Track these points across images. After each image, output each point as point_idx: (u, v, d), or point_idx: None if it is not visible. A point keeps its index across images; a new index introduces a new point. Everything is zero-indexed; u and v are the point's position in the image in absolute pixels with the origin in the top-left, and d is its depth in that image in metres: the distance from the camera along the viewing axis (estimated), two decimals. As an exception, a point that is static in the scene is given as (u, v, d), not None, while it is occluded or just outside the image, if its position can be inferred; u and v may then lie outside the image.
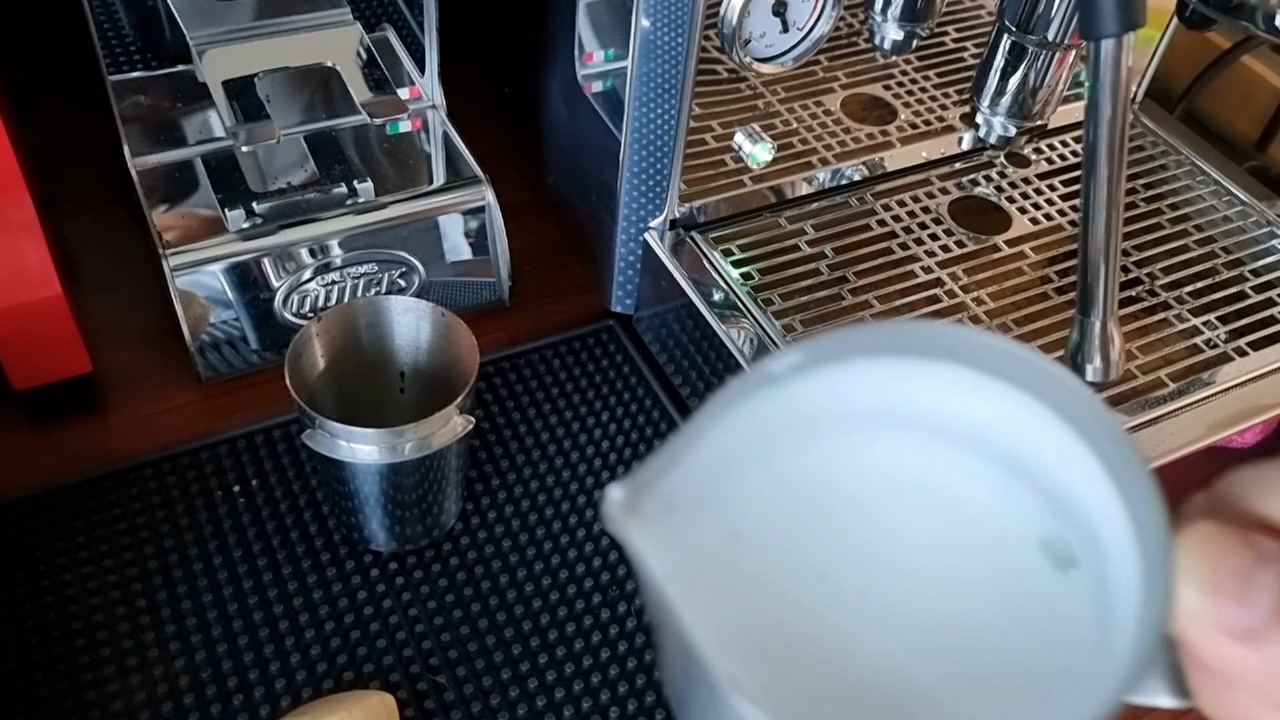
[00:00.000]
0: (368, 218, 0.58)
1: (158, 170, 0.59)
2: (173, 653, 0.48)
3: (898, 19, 0.59)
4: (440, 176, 0.61)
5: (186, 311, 0.55)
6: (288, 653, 0.48)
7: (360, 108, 0.54)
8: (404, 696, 0.47)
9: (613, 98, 0.57)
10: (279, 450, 0.55)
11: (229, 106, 0.53)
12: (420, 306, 0.50)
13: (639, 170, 0.57)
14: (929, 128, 0.66)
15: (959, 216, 0.63)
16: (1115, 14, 0.40)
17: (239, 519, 0.52)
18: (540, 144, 0.68)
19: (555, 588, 0.52)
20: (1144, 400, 0.54)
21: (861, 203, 0.63)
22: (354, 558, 0.51)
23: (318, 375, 0.50)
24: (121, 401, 0.57)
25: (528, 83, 0.66)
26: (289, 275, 0.57)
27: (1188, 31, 0.70)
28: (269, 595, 0.50)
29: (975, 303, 0.58)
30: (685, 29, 0.51)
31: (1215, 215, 0.66)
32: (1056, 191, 0.66)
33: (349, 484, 0.48)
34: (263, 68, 0.55)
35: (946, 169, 0.66)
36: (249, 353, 0.58)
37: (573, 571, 0.52)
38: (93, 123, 0.62)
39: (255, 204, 0.57)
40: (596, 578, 0.52)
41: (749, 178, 0.61)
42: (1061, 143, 0.69)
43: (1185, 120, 0.72)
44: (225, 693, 0.47)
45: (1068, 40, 0.60)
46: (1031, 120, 0.63)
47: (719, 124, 0.60)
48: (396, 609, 0.50)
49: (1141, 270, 0.62)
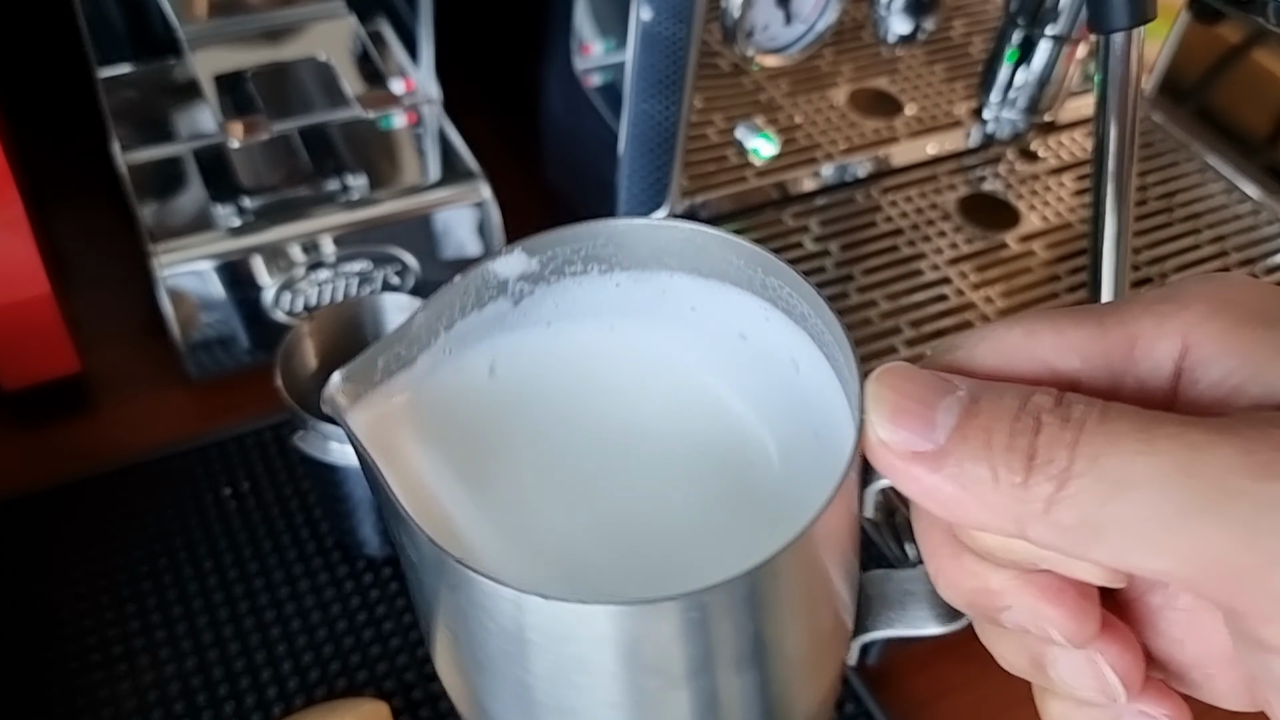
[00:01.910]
0: (361, 214, 0.57)
1: (147, 166, 0.58)
2: (163, 659, 0.47)
3: (904, 11, 0.58)
4: (435, 171, 0.60)
5: (176, 310, 0.54)
6: (280, 659, 0.47)
7: (354, 102, 0.53)
8: (398, 705, 0.46)
9: (611, 91, 0.56)
10: (271, 452, 0.54)
11: (220, 101, 0.52)
12: (414, 305, 0.49)
13: (638, 166, 0.56)
14: (936, 123, 0.65)
15: (967, 213, 0.62)
16: (1126, 7, 0.40)
17: (230, 523, 0.51)
18: (538, 138, 0.67)
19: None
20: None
21: (867, 199, 0.62)
22: (347, 563, 0.51)
23: (310, 376, 0.49)
24: (110, 402, 0.56)
25: (525, 76, 0.65)
26: (281, 273, 0.56)
27: (1198, 26, 0.69)
28: (261, 600, 0.49)
29: (984, 301, 0.57)
30: (687, 20, 0.49)
31: (1226, 212, 0.65)
32: (1066, 188, 0.65)
33: (342, 487, 0.47)
34: (254, 61, 0.54)
35: (954, 165, 0.65)
36: (240, 352, 0.57)
37: (571, 576, 0.51)
38: (81, 118, 0.61)
39: (246, 200, 0.56)
40: (595, 583, 0.51)
41: (752, 173, 0.60)
42: (1071, 138, 0.68)
43: (1196, 116, 0.71)
44: (216, 699, 0.46)
45: (1077, 34, 0.59)
46: (1040, 115, 0.62)
47: (721, 118, 0.59)
48: (391, 615, 0.49)
49: (1152, 268, 0.60)
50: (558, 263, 0.26)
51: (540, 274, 0.26)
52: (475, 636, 0.23)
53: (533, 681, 0.23)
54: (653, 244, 0.26)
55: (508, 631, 0.22)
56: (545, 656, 0.22)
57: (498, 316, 0.27)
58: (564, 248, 0.26)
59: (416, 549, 0.22)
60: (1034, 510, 0.19)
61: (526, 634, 0.21)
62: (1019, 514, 0.19)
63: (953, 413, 0.20)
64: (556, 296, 0.27)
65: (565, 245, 0.26)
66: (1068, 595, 0.21)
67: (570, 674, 0.22)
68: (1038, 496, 0.18)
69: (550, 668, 0.22)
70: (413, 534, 0.21)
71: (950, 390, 0.20)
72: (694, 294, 0.27)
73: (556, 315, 0.27)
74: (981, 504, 0.19)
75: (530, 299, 0.27)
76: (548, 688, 0.23)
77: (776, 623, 0.22)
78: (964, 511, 0.20)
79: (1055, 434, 0.19)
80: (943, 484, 0.19)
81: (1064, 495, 0.18)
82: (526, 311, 0.27)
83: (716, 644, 0.22)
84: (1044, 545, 0.19)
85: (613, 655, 0.21)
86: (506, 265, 0.26)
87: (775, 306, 0.26)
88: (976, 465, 0.19)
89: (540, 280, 0.27)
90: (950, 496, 0.19)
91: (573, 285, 0.27)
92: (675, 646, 0.21)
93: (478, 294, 0.26)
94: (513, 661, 0.23)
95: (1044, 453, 0.18)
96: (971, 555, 0.22)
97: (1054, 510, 0.18)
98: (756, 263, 0.25)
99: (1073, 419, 0.19)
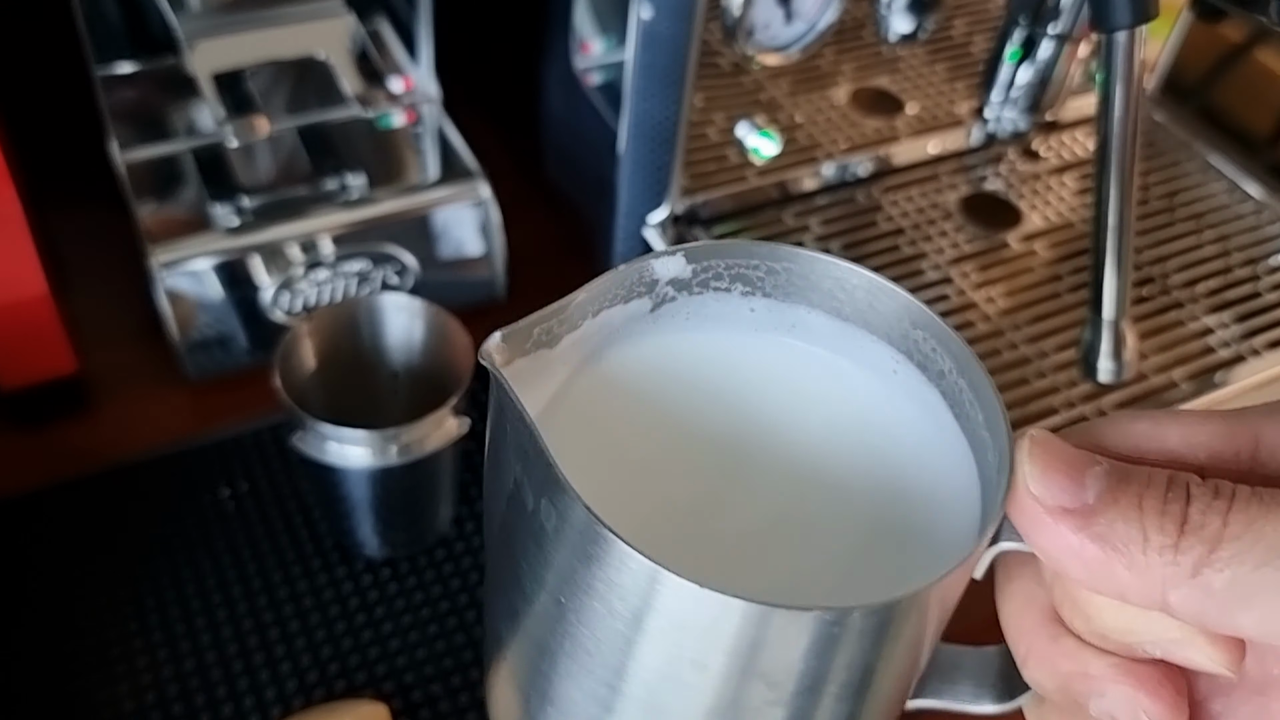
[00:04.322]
0: (360, 213, 0.57)
1: (145, 165, 0.58)
2: (160, 660, 0.47)
3: (905, 10, 0.58)
4: (435, 171, 0.60)
5: (174, 310, 0.54)
6: (278, 660, 0.47)
7: (353, 100, 0.53)
8: (397, 706, 0.46)
9: (611, 90, 0.56)
10: (269, 453, 0.54)
11: (218, 100, 0.52)
12: (414, 305, 0.49)
13: (638, 165, 0.56)
14: (937, 122, 0.65)
15: (968, 213, 0.62)
16: (1128, 6, 0.40)
17: (228, 523, 0.51)
18: (538, 137, 0.67)
19: (552, 594, 0.50)
20: (1156, 400, 0.53)
21: (868, 198, 0.62)
22: (346, 563, 0.50)
23: (308, 376, 0.49)
24: (108, 402, 0.56)
25: (525, 75, 0.65)
26: (279, 273, 0.55)
27: (1200, 25, 0.69)
28: (259, 602, 0.49)
29: (986, 301, 0.57)
30: (687, 18, 0.49)
31: (1229, 212, 0.65)
32: (1068, 188, 0.65)
33: (340, 488, 0.47)
34: (253, 60, 0.54)
35: (955, 164, 0.65)
36: (238, 352, 0.57)
37: (570, 577, 0.51)
38: (80, 117, 0.61)
39: (245, 200, 0.56)
40: (595, 584, 0.51)
41: (753, 172, 0.59)
42: (1073, 138, 0.68)
43: (1198, 115, 0.71)
44: (214, 701, 0.45)
45: (1078, 32, 0.58)
46: (1042, 115, 0.62)
47: (722, 117, 0.59)
48: (390, 616, 0.49)
49: (1154, 269, 0.60)
50: (708, 276, 0.27)
51: (688, 282, 0.27)
52: (587, 615, 0.22)
53: (633, 672, 0.22)
54: (806, 275, 0.27)
55: (630, 614, 0.21)
56: (660, 646, 0.22)
57: (638, 314, 0.27)
58: (720, 260, 0.27)
59: (558, 513, 0.22)
60: (1182, 573, 0.19)
61: (650, 619, 0.21)
62: (1166, 576, 0.19)
63: (1100, 479, 0.20)
64: (693, 308, 0.27)
65: (722, 258, 0.27)
66: (1166, 689, 0.21)
67: (679, 670, 0.22)
68: (1188, 559, 0.19)
69: (660, 659, 0.22)
70: (562, 496, 0.21)
71: (1095, 461, 0.20)
72: (825, 333, 0.27)
73: (690, 325, 0.28)
74: (1127, 566, 0.19)
75: (670, 305, 0.27)
76: (648, 680, 0.23)
77: (887, 659, 0.23)
78: (1107, 573, 0.20)
79: (1208, 502, 0.19)
80: (1088, 543, 0.20)
81: (1216, 557, 0.18)
82: (664, 315, 0.27)
83: (834, 666, 0.22)
84: (1186, 612, 0.19)
85: (733, 656, 0.21)
86: (666, 266, 0.27)
87: (910, 360, 0.26)
88: (1128, 525, 0.19)
89: (685, 288, 0.27)
90: (1094, 556, 0.20)
91: (711, 300, 0.27)
92: (799, 660, 0.21)
93: (630, 288, 0.27)
94: (619, 648, 0.22)
95: (1196, 518, 0.19)
96: (1073, 638, 0.22)
97: (1204, 573, 0.19)
98: (906, 313, 0.26)
99: (1223, 492, 0.19)
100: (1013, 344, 0.54)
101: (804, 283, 0.27)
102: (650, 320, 0.27)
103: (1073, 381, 0.53)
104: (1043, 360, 0.54)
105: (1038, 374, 0.53)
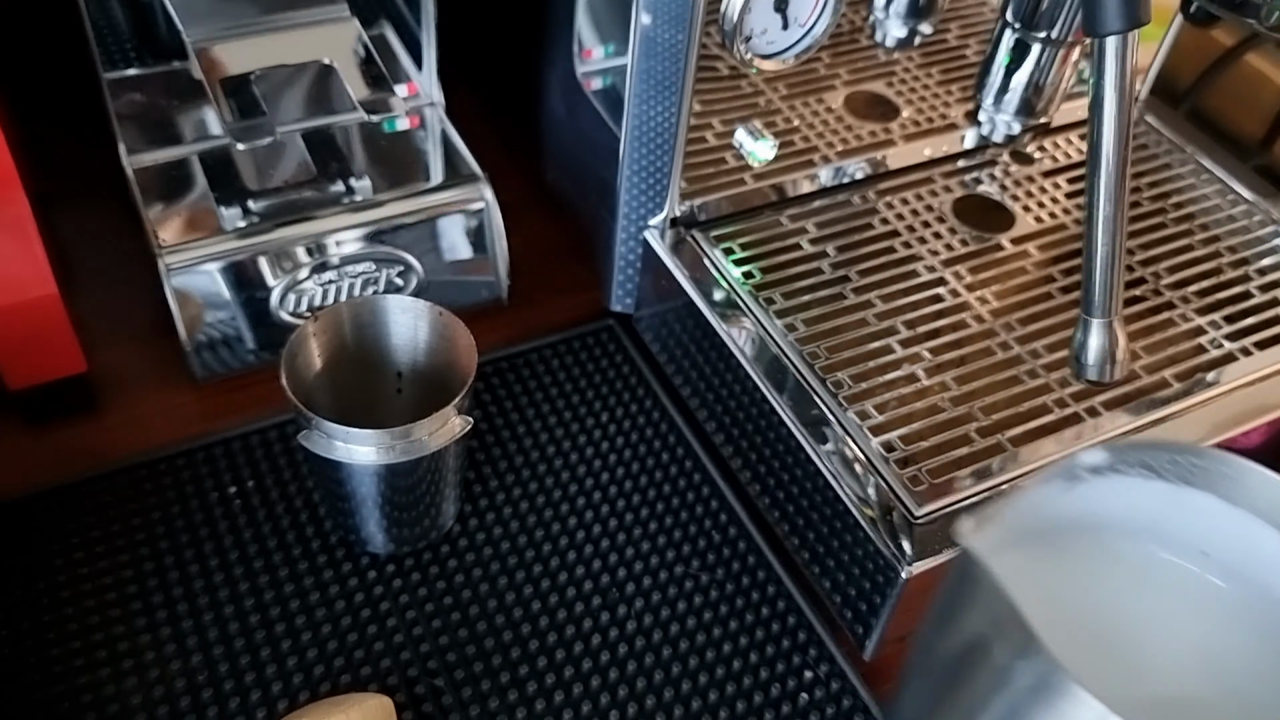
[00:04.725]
0: (365, 216, 0.58)
1: (153, 168, 0.59)
2: (168, 656, 0.47)
3: (900, 15, 0.58)
4: (438, 174, 0.61)
5: (182, 311, 0.55)
6: (284, 656, 0.48)
7: (358, 105, 0.53)
8: (402, 700, 0.47)
9: (612, 95, 0.56)
10: (275, 451, 0.55)
11: (225, 104, 0.53)
12: (418, 306, 0.50)
13: (639, 168, 0.57)
14: (932, 125, 0.66)
15: (962, 215, 0.63)
16: (1120, 11, 0.40)
17: (235, 521, 0.52)
18: (539, 141, 0.68)
19: (555, 590, 0.51)
20: (1148, 401, 0.53)
21: (864, 201, 0.63)
22: (351, 560, 0.51)
23: (314, 375, 0.49)
24: (117, 402, 0.57)
25: (527, 79, 0.66)
26: (285, 274, 0.56)
27: (1192, 29, 0.70)
28: (265, 598, 0.49)
29: (979, 302, 0.57)
30: (686, 25, 0.50)
31: (1220, 214, 0.66)
32: (1060, 190, 0.66)
33: (346, 485, 0.47)
34: (260, 65, 0.54)
35: (949, 167, 0.65)
36: (245, 353, 0.57)
37: (572, 574, 0.52)
38: (88, 121, 0.62)
39: (252, 202, 0.56)
40: (596, 580, 0.52)
41: (750, 176, 0.60)
42: (1066, 140, 0.69)
43: (1190, 119, 0.72)
44: (221, 696, 0.46)
45: (1072, 37, 0.59)
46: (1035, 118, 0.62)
47: (720, 121, 0.59)
48: (394, 612, 0.50)
49: (1146, 270, 0.61)
50: (1120, 464, 0.32)
51: (1101, 468, 0.32)
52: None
53: None
54: (1210, 473, 0.31)
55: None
56: None
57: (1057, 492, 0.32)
58: (1139, 455, 0.32)
59: (1020, 655, 0.26)
60: None
61: None
62: None
63: None
64: (1104, 491, 0.33)
65: (1147, 454, 0.32)
66: None
67: None
68: None
69: None
70: (1026, 647, 0.25)
71: None
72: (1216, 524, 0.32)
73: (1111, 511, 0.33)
74: None
75: (1084, 484, 0.32)
76: None
77: None
78: None
79: None
80: None
81: None
82: (1078, 491, 0.32)
83: None
84: None
85: None
86: (1091, 458, 0.32)
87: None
88: None
89: (1098, 472, 0.32)
90: None
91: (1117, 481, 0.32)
92: None
93: (1051, 476, 0.32)
94: None
95: None
96: None
97: None
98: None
99: None
100: (1006, 344, 0.55)
101: (1211, 480, 0.32)
102: (1067, 491, 0.32)
103: (1065, 381, 0.54)
104: (1036, 360, 0.55)
105: (1030, 373, 0.54)
